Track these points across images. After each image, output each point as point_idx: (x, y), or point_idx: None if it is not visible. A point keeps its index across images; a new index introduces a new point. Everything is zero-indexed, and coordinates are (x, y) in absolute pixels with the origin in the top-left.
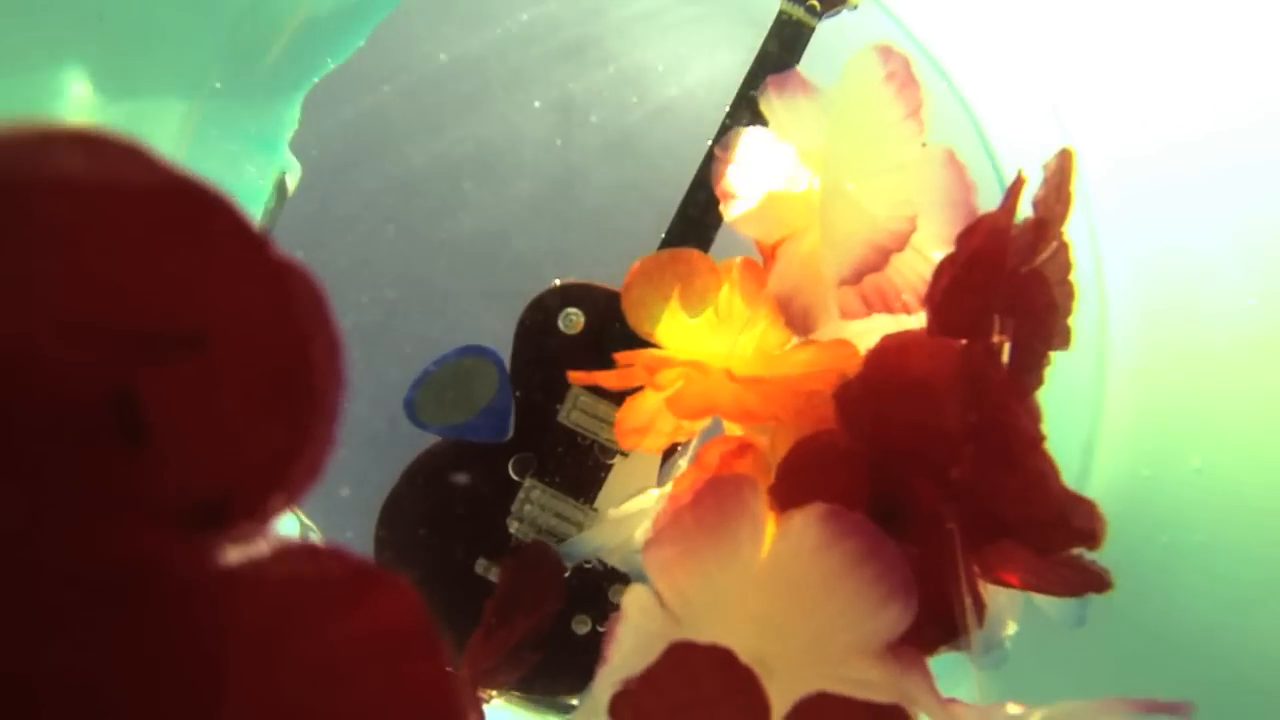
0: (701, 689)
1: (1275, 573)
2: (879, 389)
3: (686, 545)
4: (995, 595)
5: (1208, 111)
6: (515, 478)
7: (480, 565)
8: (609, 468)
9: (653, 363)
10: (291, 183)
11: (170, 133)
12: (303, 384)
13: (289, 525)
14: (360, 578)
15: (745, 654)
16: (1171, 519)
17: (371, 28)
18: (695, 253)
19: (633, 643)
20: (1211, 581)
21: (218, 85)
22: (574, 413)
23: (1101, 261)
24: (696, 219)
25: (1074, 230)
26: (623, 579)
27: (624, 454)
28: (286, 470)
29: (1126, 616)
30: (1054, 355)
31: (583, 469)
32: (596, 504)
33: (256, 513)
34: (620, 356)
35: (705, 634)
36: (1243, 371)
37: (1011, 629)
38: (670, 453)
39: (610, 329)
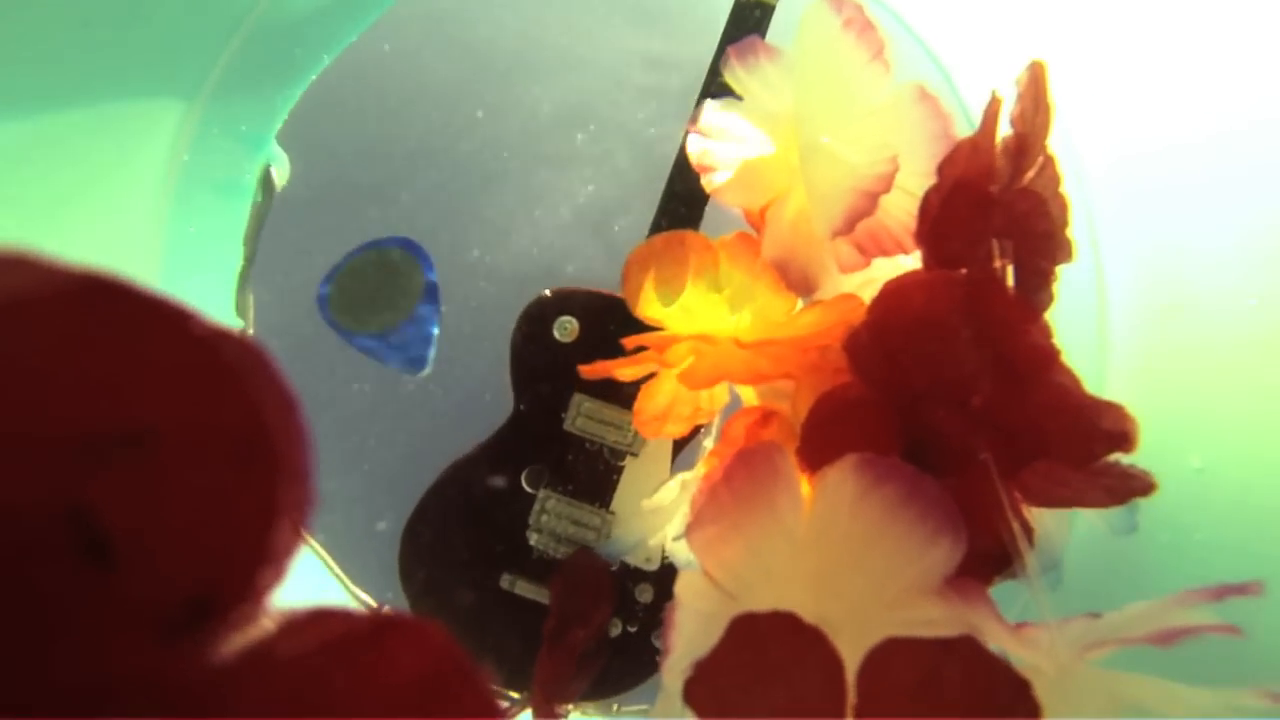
0: (771, 657)
1: (1277, 570)
2: (886, 332)
3: (727, 521)
4: (1042, 517)
5: (1208, 111)
6: (529, 490)
7: (505, 580)
8: (620, 469)
9: (661, 342)
10: (279, 177)
11: (169, 134)
12: (262, 453)
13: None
14: (377, 631)
15: (806, 615)
16: (1172, 519)
17: (365, 22)
18: (689, 233)
19: (693, 627)
20: (1213, 580)
21: (214, 85)
22: (579, 419)
23: (1101, 261)
24: (683, 199)
25: (1074, 230)
26: (647, 578)
27: (634, 454)
28: (267, 544)
29: None
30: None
31: (594, 474)
32: (613, 507)
33: (248, 594)
34: (629, 341)
35: (762, 604)
36: (1243, 371)
37: (1062, 548)
38: (683, 445)
39: (605, 331)
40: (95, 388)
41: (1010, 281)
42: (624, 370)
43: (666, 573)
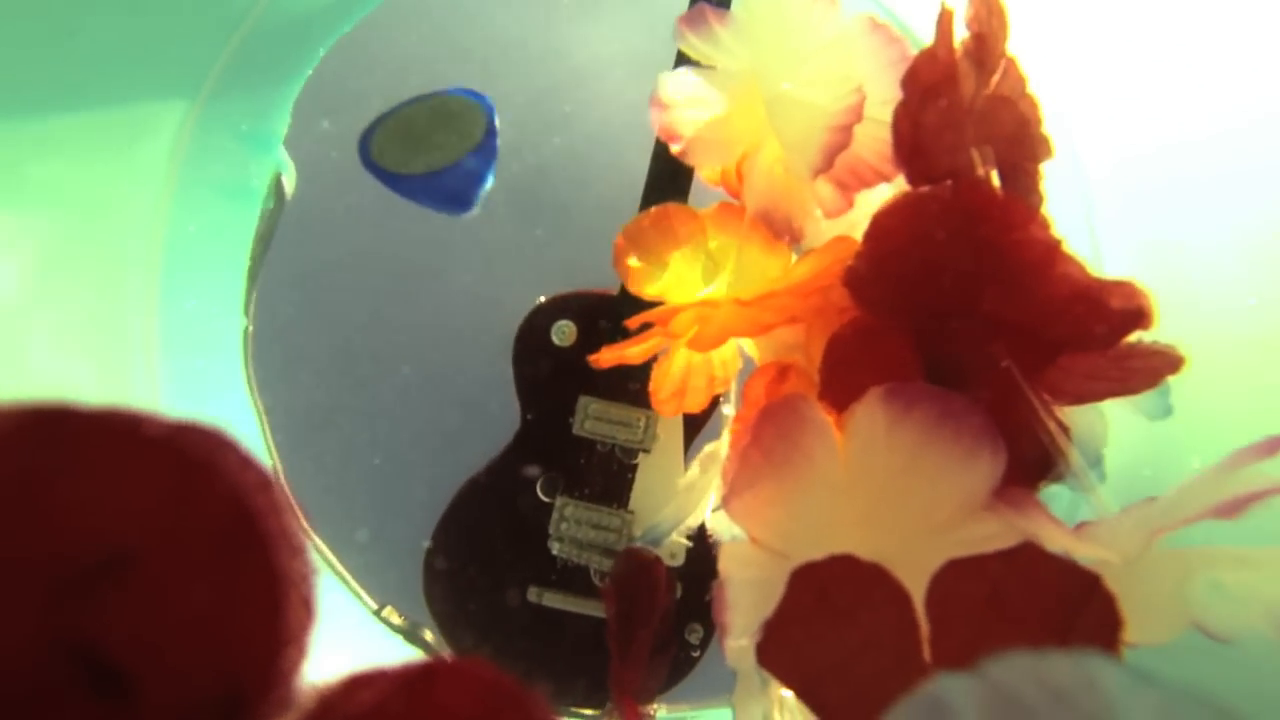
0: (838, 602)
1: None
2: (883, 258)
3: (765, 481)
4: (1076, 415)
5: (1208, 111)
6: (546, 499)
7: (532, 594)
8: (634, 467)
9: (664, 315)
10: (289, 184)
11: (169, 135)
12: (253, 536)
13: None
14: (421, 680)
15: (863, 555)
16: None
17: (358, 17)
18: (674, 205)
19: (749, 598)
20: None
21: (214, 85)
22: (587, 422)
23: (1102, 261)
24: (667, 174)
25: (1074, 229)
26: (674, 573)
27: (646, 450)
28: (281, 625)
29: None
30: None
31: (609, 475)
32: (631, 506)
33: (276, 678)
34: (632, 321)
35: (815, 555)
36: (1243, 371)
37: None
38: (694, 435)
39: (603, 329)
40: (66, 521)
41: (996, 185)
42: (633, 350)
43: (692, 567)
